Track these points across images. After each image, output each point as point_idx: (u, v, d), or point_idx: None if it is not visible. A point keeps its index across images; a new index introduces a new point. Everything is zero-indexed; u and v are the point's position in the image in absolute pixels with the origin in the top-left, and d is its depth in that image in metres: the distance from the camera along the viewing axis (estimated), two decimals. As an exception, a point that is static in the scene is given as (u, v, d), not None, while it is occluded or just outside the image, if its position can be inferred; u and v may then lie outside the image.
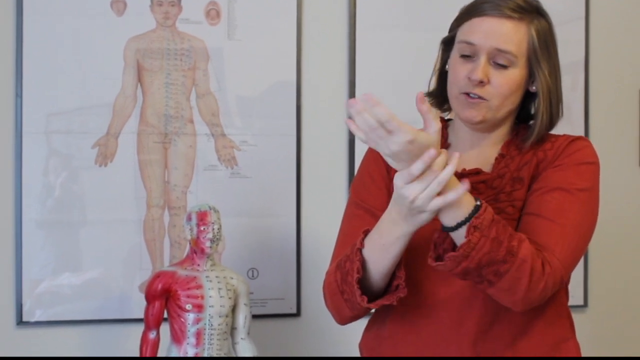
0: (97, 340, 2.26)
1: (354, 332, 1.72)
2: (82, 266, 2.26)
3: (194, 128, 2.33)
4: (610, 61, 2.65)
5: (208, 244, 1.94)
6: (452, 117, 1.69)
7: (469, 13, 1.58)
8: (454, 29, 1.62)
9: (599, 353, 2.53)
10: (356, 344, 1.72)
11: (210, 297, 1.92)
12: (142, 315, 1.96)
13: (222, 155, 2.35)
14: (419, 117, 1.33)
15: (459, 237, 1.39)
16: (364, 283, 1.50)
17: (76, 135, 2.26)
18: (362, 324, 1.67)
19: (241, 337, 2.00)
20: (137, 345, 1.96)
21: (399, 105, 1.45)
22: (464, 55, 1.55)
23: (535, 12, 1.57)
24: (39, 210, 2.24)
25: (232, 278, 1.99)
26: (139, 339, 1.96)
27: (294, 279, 2.39)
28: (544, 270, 1.43)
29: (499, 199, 1.55)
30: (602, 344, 2.59)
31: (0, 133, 2.23)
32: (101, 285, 2.27)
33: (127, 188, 2.29)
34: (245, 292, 2.01)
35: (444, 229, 1.41)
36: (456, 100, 1.58)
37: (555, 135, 1.62)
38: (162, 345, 1.96)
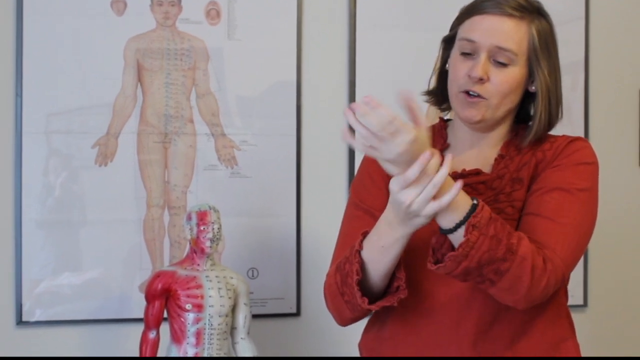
0: (97, 340, 2.26)
1: (354, 333, 1.72)
2: (82, 266, 2.26)
3: (194, 128, 2.33)
4: (610, 61, 2.65)
5: (208, 243, 1.94)
6: (452, 117, 1.69)
7: (470, 11, 1.58)
8: (454, 27, 1.62)
9: (599, 353, 2.53)
10: (356, 344, 1.72)
11: (210, 296, 1.92)
12: (142, 315, 1.96)
13: (222, 155, 2.35)
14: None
15: (457, 239, 1.39)
16: (364, 284, 1.50)
17: (76, 135, 2.26)
18: (362, 324, 1.67)
19: (241, 337, 2.00)
20: (137, 345, 1.96)
21: (399, 105, 1.44)
22: (465, 53, 1.55)
23: (536, 12, 1.57)
24: (39, 210, 2.24)
25: (232, 278, 1.99)
26: (138, 338, 1.96)
27: (293, 279, 2.39)
28: (545, 267, 1.43)
29: (499, 200, 1.55)
30: (602, 344, 2.59)
31: (0, 133, 2.23)
32: (101, 285, 2.27)
33: (127, 188, 2.29)
34: (245, 291, 2.01)
35: (442, 231, 1.40)
36: (456, 99, 1.58)
37: (554, 136, 1.62)
38: (162, 345, 1.96)
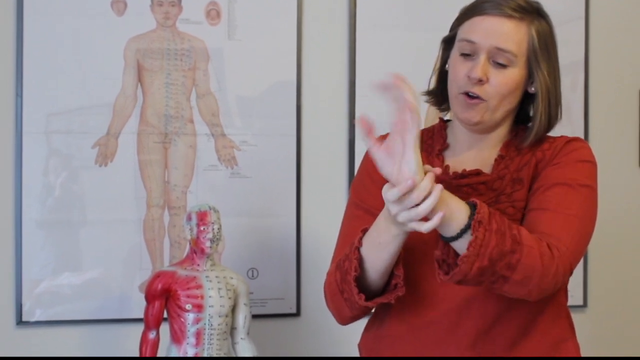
0: (97, 340, 2.26)
1: (354, 332, 1.72)
2: (82, 266, 2.26)
3: (194, 128, 2.33)
4: (610, 61, 2.65)
5: (208, 244, 1.94)
6: (451, 117, 1.69)
7: (469, 12, 1.58)
8: (454, 28, 1.62)
9: (599, 353, 2.53)
10: (356, 344, 1.72)
11: (210, 297, 1.92)
12: (142, 315, 1.96)
13: (222, 155, 2.35)
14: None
15: (460, 246, 1.38)
16: (362, 282, 1.50)
17: (76, 135, 2.26)
18: (361, 324, 1.67)
19: (241, 337, 2.00)
20: (137, 345, 1.96)
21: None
22: (464, 54, 1.55)
23: (536, 13, 1.57)
24: (39, 210, 2.24)
25: (232, 278, 1.99)
26: (138, 339, 1.96)
27: (293, 279, 2.39)
28: (552, 254, 1.42)
29: (500, 200, 1.55)
30: (601, 344, 2.59)
31: (1, 133, 2.23)
32: (101, 285, 2.27)
33: (127, 188, 2.29)
34: (245, 292, 2.01)
35: (445, 239, 1.40)
36: (455, 101, 1.58)
37: (553, 137, 1.62)
38: (161, 345, 1.96)
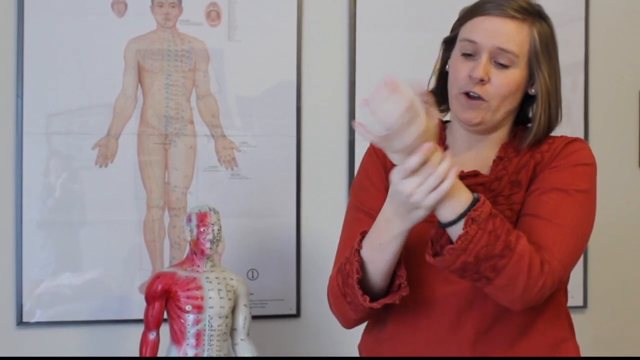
0: (97, 340, 2.26)
1: (354, 333, 1.72)
2: (82, 267, 2.26)
3: (194, 129, 2.33)
4: (610, 62, 2.65)
5: (208, 245, 1.94)
6: (450, 118, 1.69)
7: (471, 12, 1.58)
8: (455, 28, 1.61)
9: (599, 354, 2.53)
10: (356, 346, 1.72)
11: (210, 298, 1.92)
12: (142, 316, 1.96)
13: (222, 156, 2.35)
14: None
15: (456, 233, 1.38)
16: (365, 284, 1.50)
17: (76, 136, 2.26)
18: (362, 325, 1.67)
19: (241, 338, 2.00)
20: (137, 346, 1.96)
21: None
22: (466, 54, 1.55)
23: (538, 15, 1.57)
24: (39, 210, 2.24)
25: (232, 279, 1.99)
26: (138, 339, 1.96)
27: (293, 280, 2.39)
28: (542, 268, 1.42)
29: (498, 202, 1.54)
30: (601, 345, 2.59)
31: (1, 133, 2.23)
32: (101, 286, 2.27)
33: (127, 189, 2.29)
34: (245, 293, 2.01)
35: (442, 224, 1.40)
36: (456, 101, 1.58)
37: (552, 137, 1.61)
38: (162, 346, 1.96)
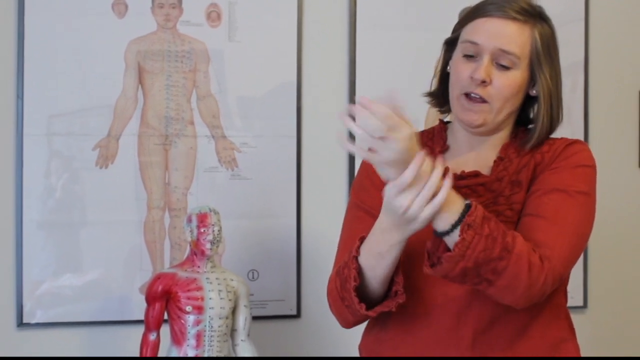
0: (98, 341, 2.26)
1: (354, 334, 1.72)
2: (83, 267, 2.26)
3: (194, 130, 2.33)
4: (610, 62, 2.65)
5: (208, 245, 1.94)
6: (451, 119, 1.69)
7: (472, 14, 1.58)
8: (457, 29, 1.62)
9: (599, 354, 2.53)
10: (356, 346, 1.72)
11: (210, 298, 1.93)
12: (142, 316, 1.97)
13: (223, 157, 2.35)
14: (420, 118, 1.32)
15: (453, 241, 1.38)
16: (363, 289, 1.50)
17: (77, 137, 2.26)
18: (362, 325, 1.67)
19: (241, 339, 2.00)
20: (138, 346, 1.96)
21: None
22: (467, 55, 1.56)
23: (539, 17, 1.57)
24: (39, 211, 2.24)
25: (232, 280, 2.00)
26: (139, 340, 1.96)
27: (294, 281, 2.39)
28: (542, 265, 1.43)
29: (498, 202, 1.55)
30: (601, 345, 2.59)
31: (2, 134, 2.23)
32: (101, 287, 2.27)
33: (127, 190, 2.29)
34: (246, 293, 2.01)
35: (438, 234, 1.40)
36: (457, 102, 1.58)
37: (552, 138, 1.62)
38: (162, 346, 1.97)
